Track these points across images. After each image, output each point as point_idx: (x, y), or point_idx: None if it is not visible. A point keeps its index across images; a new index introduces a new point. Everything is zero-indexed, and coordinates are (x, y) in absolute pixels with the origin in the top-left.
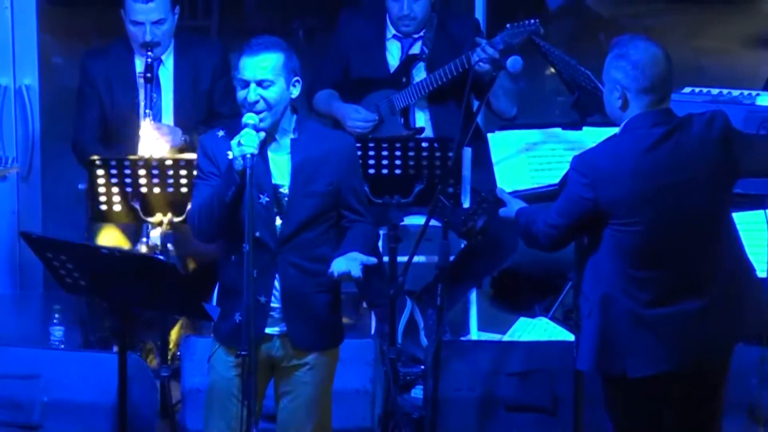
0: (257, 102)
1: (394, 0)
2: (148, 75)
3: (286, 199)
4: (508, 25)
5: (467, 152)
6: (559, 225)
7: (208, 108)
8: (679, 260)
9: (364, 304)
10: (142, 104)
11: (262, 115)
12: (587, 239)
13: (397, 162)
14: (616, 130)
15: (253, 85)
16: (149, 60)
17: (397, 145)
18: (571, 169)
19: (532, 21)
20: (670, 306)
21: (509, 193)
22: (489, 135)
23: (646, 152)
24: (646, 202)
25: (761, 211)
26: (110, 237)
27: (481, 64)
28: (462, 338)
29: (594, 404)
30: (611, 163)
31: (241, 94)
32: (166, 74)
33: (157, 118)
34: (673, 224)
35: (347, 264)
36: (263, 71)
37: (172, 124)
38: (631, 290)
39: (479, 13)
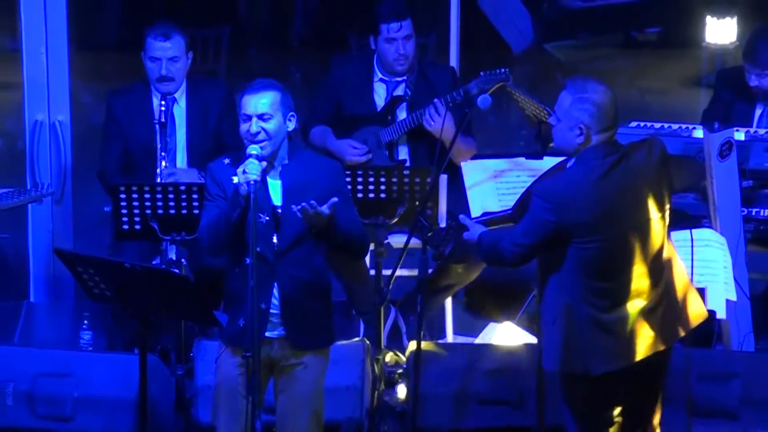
0: (259, 133)
1: (388, 43)
2: (162, 121)
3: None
4: (482, 73)
5: (443, 179)
6: (524, 244)
7: (217, 141)
8: (630, 269)
9: (354, 312)
10: (158, 144)
11: (262, 144)
12: (550, 256)
13: (383, 188)
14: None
15: (254, 119)
16: (162, 108)
17: (383, 173)
18: (534, 196)
19: (503, 70)
20: (624, 310)
21: (480, 215)
22: (462, 163)
23: (600, 180)
24: (602, 223)
25: (687, 231)
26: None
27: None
28: (439, 341)
29: (554, 398)
30: (571, 191)
31: (243, 127)
32: (180, 112)
33: (171, 156)
34: (625, 239)
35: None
36: (263, 106)
37: (185, 155)
38: (590, 299)
39: (453, 58)
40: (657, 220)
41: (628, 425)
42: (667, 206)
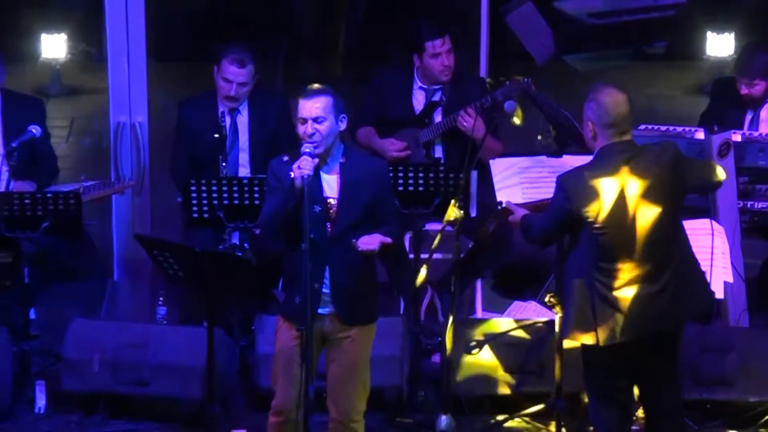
0: (313, 134)
1: (434, 58)
2: (221, 136)
3: (335, 208)
4: (507, 82)
5: (474, 175)
6: (545, 228)
7: (275, 143)
8: (636, 255)
9: (395, 291)
10: (226, 142)
11: (316, 144)
12: (569, 238)
13: (421, 182)
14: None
15: (309, 121)
16: (222, 122)
17: (421, 169)
18: (555, 186)
19: (526, 80)
20: (631, 290)
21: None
22: (490, 160)
23: (611, 173)
24: (610, 211)
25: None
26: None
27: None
28: (470, 317)
29: (569, 368)
30: (585, 182)
31: (300, 128)
32: (243, 120)
33: (231, 163)
34: (632, 228)
35: (369, 240)
36: (317, 110)
37: (248, 156)
38: (600, 278)
39: (483, 69)
40: (666, 213)
41: (649, 406)
42: (679, 202)
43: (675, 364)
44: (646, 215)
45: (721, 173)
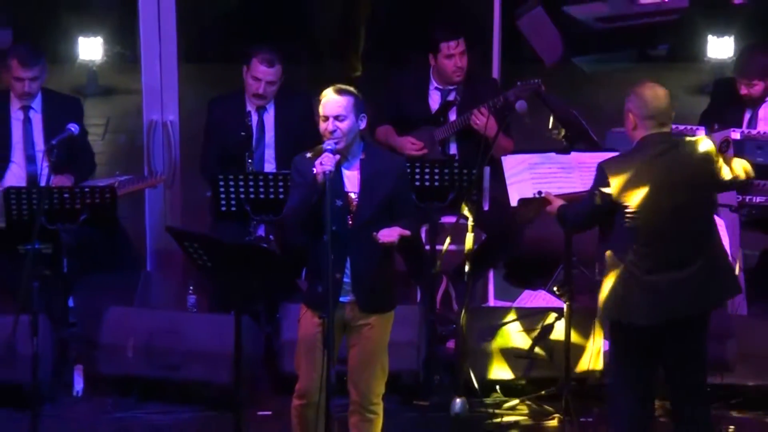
0: (335, 131)
1: (448, 59)
2: (246, 134)
3: (355, 202)
4: (518, 83)
5: (486, 170)
6: (584, 212)
7: (299, 141)
8: (670, 240)
9: (412, 280)
10: (253, 139)
11: (338, 140)
12: (607, 222)
13: (437, 177)
14: (599, 155)
15: (331, 119)
16: (248, 122)
17: (437, 165)
18: (596, 171)
19: (536, 80)
20: (663, 275)
21: (520, 200)
22: (502, 157)
23: (650, 162)
24: (647, 197)
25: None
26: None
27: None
28: (483, 305)
29: (576, 354)
30: (625, 168)
31: (322, 126)
32: (269, 118)
33: (257, 158)
34: (666, 214)
35: (389, 232)
36: (339, 108)
37: (273, 152)
38: (635, 261)
39: (495, 70)
40: (699, 204)
41: (675, 388)
42: (713, 194)
43: (702, 347)
44: (680, 204)
45: (750, 170)
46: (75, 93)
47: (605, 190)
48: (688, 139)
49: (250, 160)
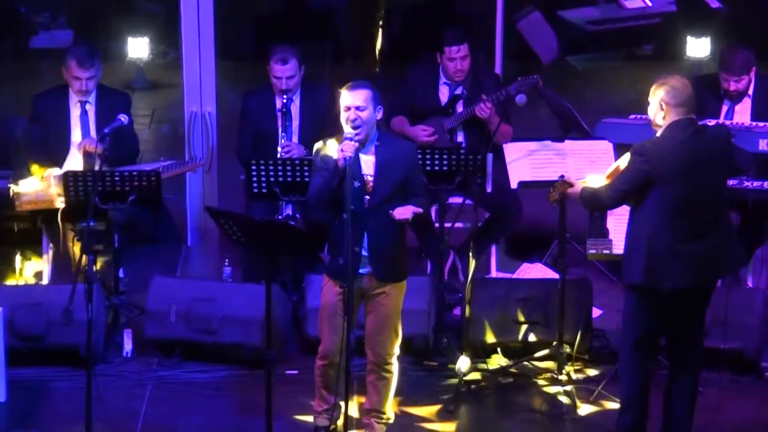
0: (355, 119)
1: (450, 61)
2: (283, 110)
3: (372, 184)
4: (519, 78)
5: (489, 156)
6: (622, 189)
7: (322, 129)
8: (696, 214)
9: (423, 254)
10: (279, 129)
11: (357, 129)
12: (637, 199)
13: (445, 162)
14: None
15: (352, 109)
16: (284, 100)
17: (446, 151)
18: (633, 154)
19: (535, 76)
20: (689, 245)
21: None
22: (504, 144)
23: (683, 143)
24: (681, 174)
25: None
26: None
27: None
28: (486, 276)
29: (569, 320)
30: (661, 149)
31: (343, 115)
32: (295, 108)
33: (288, 137)
34: (696, 190)
35: (404, 210)
36: (359, 100)
37: (298, 139)
38: (665, 233)
39: (498, 66)
40: (718, 183)
41: (679, 346)
42: (726, 176)
43: (705, 312)
44: (705, 182)
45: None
46: (124, 87)
47: (645, 167)
48: (709, 125)
49: (283, 134)
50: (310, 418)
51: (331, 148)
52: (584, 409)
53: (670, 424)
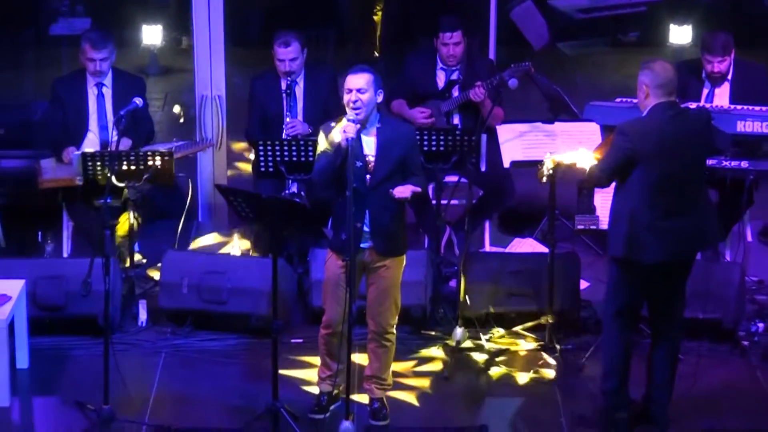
0: (357, 101)
1: (444, 46)
2: (288, 92)
3: (373, 164)
4: (512, 64)
5: (483, 138)
6: (608, 167)
7: (325, 110)
8: (676, 191)
9: (420, 229)
10: (285, 110)
11: (359, 111)
12: (622, 176)
13: (442, 143)
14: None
15: (354, 92)
16: (289, 81)
17: (442, 133)
18: (617, 133)
19: (527, 62)
20: (668, 221)
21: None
22: (497, 126)
23: (665, 125)
24: (662, 154)
25: None
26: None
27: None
28: (480, 250)
29: (558, 292)
30: (644, 130)
31: (346, 97)
32: (299, 90)
33: (293, 116)
34: (676, 169)
35: (403, 189)
36: (360, 83)
37: (302, 119)
38: (646, 209)
39: (492, 53)
40: (697, 163)
41: (660, 317)
42: (705, 156)
43: (684, 285)
44: (685, 161)
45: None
46: (139, 73)
47: (628, 145)
48: (690, 108)
49: (288, 113)
50: (314, 384)
51: (334, 131)
52: (572, 375)
53: (652, 390)
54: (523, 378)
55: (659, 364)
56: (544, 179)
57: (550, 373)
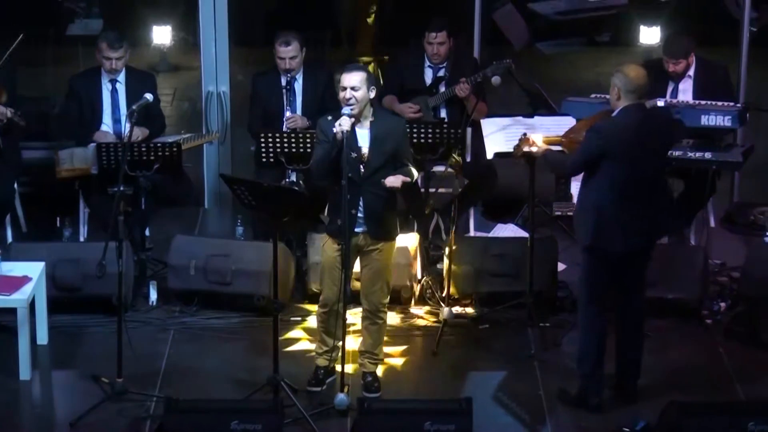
0: (350, 99)
1: (429, 45)
2: (287, 88)
3: (366, 155)
4: (494, 62)
5: (469, 131)
6: (579, 161)
7: (322, 105)
8: (639, 186)
9: (410, 215)
10: (285, 104)
11: (352, 106)
12: (591, 170)
13: (430, 135)
14: (556, 118)
15: (348, 89)
16: (288, 78)
17: (430, 126)
18: (590, 131)
19: (508, 60)
20: (633, 213)
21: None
22: (481, 120)
23: (632, 126)
24: (628, 152)
25: None
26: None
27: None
28: (465, 235)
29: (538, 273)
30: (614, 129)
31: (340, 94)
32: (298, 86)
33: (293, 110)
34: (641, 167)
35: (394, 179)
36: (354, 81)
37: (300, 113)
38: (611, 202)
39: (476, 51)
40: (660, 159)
41: (624, 301)
42: (667, 153)
43: (646, 267)
44: (649, 160)
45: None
46: (150, 69)
47: (599, 142)
48: (658, 108)
49: (288, 107)
50: (312, 359)
51: (331, 123)
52: (550, 350)
53: (622, 367)
54: (504, 353)
55: (626, 343)
56: (520, 154)
57: (530, 349)
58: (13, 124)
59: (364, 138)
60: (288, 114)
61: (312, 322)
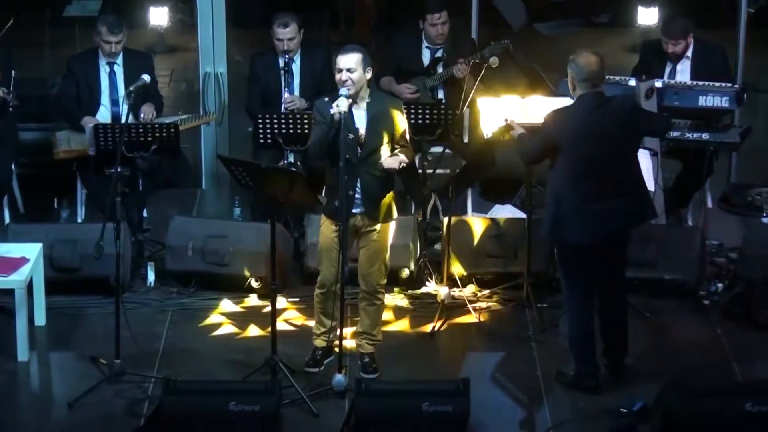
0: (347, 80)
1: (432, 26)
2: (285, 69)
3: (364, 136)
4: (492, 42)
5: (466, 111)
6: (534, 149)
7: (319, 86)
8: (598, 178)
9: (408, 196)
10: (283, 86)
11: (349, 87)
12: (552, 160)
13: (427, 116)
14: (552, 99)
15: (344, 71)
16: (286, 59)
17: (427, 107)
18: (544, 120)
19: (506, 41)
20: (595, 204)
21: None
22: (478, 99)
23: (585, 115)
24: (584, 141)
25: None
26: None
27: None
28: (462, 216)
29: (536, 254)
30: (568, 118)
31: (337, 76)
32: (296, 67)
33: (291, 91)
34: (598, 156)
35: (392, 161)
36: (350, 62)
37: (298, 94)
38: (571, 193)
39: (474, 32)
40: (623, 148)
41: (605, 286)
42: (633, 141)
43: (625, 254)
44: (607, 149)
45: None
46: (147, 50)
47: (552, 133)
48: (616, 96)
49: (287, 89)
50: (310, 339)
51: (328, 105)
52: (547, 331)
53: (607, 347)
54: (502, 334)
55: (610, 325)
56: (494, 135)
57: (527, 330)
58: (5, 103)
59: (361, 119)
60: (286, 95)
61: (310, 302)
